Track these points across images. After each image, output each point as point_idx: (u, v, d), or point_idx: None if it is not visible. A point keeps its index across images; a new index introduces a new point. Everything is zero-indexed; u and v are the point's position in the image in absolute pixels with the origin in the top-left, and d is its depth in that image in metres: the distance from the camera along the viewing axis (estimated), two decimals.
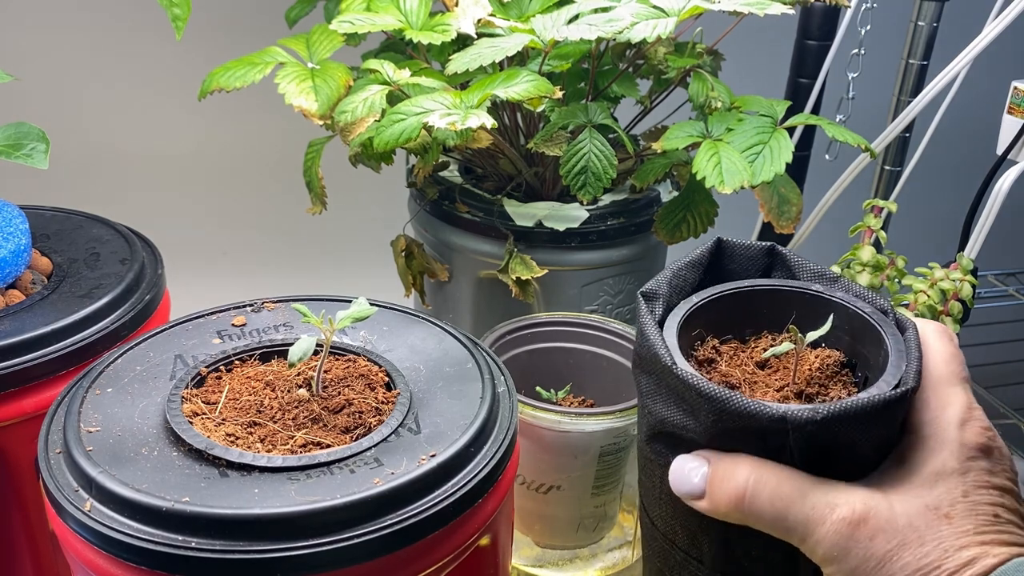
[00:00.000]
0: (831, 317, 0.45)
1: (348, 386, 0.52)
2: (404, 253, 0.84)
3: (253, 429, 0.49)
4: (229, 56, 0.74)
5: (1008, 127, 0.83)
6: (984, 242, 0.80)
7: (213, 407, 0.51)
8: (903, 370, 0.42)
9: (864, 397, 0.39)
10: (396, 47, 0.84)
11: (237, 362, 0.55)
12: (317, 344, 0.50)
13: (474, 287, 0.82)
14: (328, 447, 0.48)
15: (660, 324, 0.45)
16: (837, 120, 0.90)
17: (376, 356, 0.55)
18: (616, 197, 0.81)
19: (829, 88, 0.96)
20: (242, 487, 0.44)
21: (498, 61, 0.69)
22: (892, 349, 0.43)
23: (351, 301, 0.53)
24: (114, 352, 0.55)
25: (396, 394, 0.52)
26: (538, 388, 0.71)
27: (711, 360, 0.47)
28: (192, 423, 0.49)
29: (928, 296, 0.70)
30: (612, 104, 0.82)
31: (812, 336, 0.44)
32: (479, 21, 0.73)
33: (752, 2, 0.68)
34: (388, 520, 0.44)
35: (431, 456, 0.47)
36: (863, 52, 0.94)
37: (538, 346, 0.72)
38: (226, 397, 0.51)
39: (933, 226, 1.15)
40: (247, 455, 0.46)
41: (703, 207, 0.76)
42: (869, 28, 0.92)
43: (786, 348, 0.45)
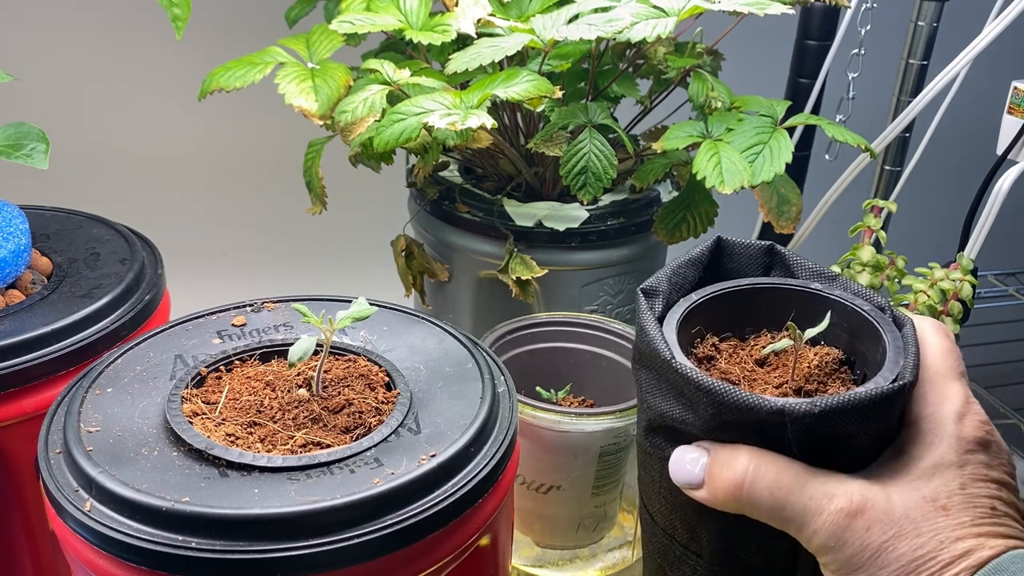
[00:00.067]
0: (829, 314, 0.45)
1: (348, 386, 0.52)
2: (404, 253, 0.84)
3: (253, 429, 0.49)
4: (229, 56, 0.74)
5: (1008, 127, 0.83)
6: (984, 242, 0.80)
7: (213, 407, 0.51)
8: (901, 365, 0.42)
9: (862, 391, 0.39)
10: (396, 47, 0.84)
11: (237, 362, 0.55)
12: (317, 344, 0.50)
13: (474, 287, 0.82)
14: (328, 447, 0.48)
15: (660, 321, 0.45)
16: (837, 120, 0.90)
17: (376, 356, 0.55)
18: (616, 197, 0.81)
19: (829, 88, 0.96)
20: (242, 487, 0.44)
21: (498, 61, 0.69)
22: (890, 345, 0.43)
23: (351, 301, 0.53)
24: (114, 352, 0.55)
25: (396, 394, 0.52)
26: (538, 388, 0.71)
27: (710, 357, 0.47)
28: (192, 423, 0.49)
29: (928, 296, 0.70)
30: (612, 104, 0.82)
31: (811, 333, 0.45)
32: (479, 21, 0.73)
33: (752, 2, 0.68)
34: (388, 520, 0.44)
35: (431, 456, 0.47)
36: (863, 52, 0.94)
37: (538, 346, 0.72)
38: (226, 397, 0.51)
39: (933, 226, 1.15)
40: (247, 455, 0.46)
41: (703, 207, 0.76)
42: (869, 28, 0.92)
43: (785, 344, 0.45)
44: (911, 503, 0.39)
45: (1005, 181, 0.77)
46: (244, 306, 0.60)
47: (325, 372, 0.53)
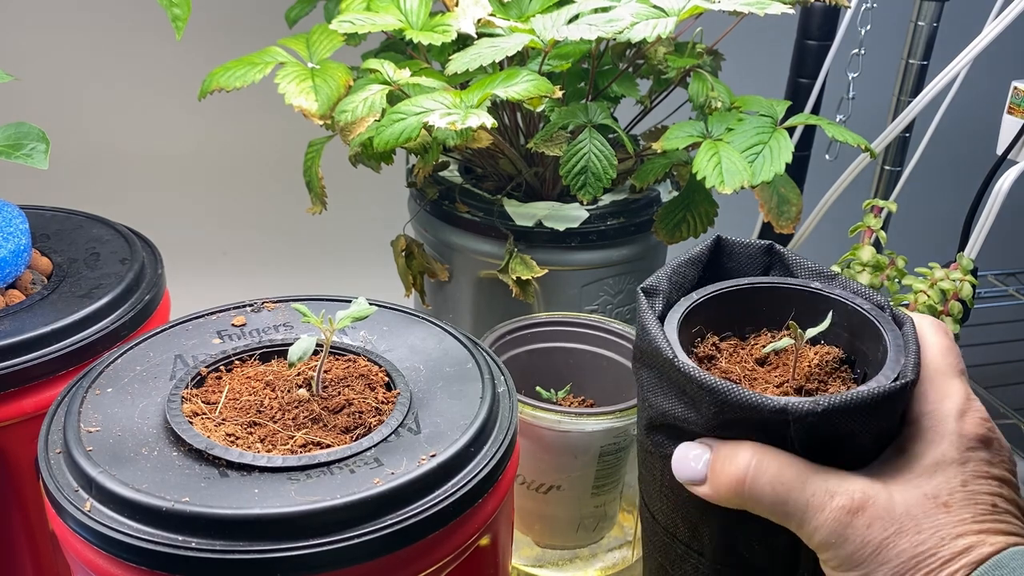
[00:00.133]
0: (830, 314, 0.45)
1: (348, 386, 0.52)
2: (404, 253, 0.84)
3: (253, 429, 0.49)
4: (229, 56, 0.74)
5: (1008, 127, 0.83)
6: (984, 242, 0.80)
7: (213, 407, 0.51)
8: (902, 363, 0.42)
9: (864, 389, 0.39)
10: (396, 47, 0.84)
11: (237, 362, 0.55)
12: (317, 344, 0.50)
13: (474, 287, 0.82)
14: (328, 447, 0.48)
15: (660, 320, 0.45)
16: (837, 120, 0.90)
17: (376, 356, 0.55)
18: (616, 197, 0.81)
19: (829, 88, 0.96)
20: (242, 487, 0.44)
21: (498, 61, 0.69)
22: (891, 344, 0.43)
23: (351, 301, 0.53)
24: (114, 352, 0.55)
25: (396, 394, 0.52)
26: (538, 388, 0.71)
27: (711, 357, 0.47)
28: (192, 423, 0.49)
29: (928, 296, 0.70)
30: (612, 104, 0.82)
31: (811, 332, 0.45)
32: (479, 21, 0.73)
33: (752, 2, 0.68)
34: (388, 520, 0.44)
35: (431, 456, 0.47)
36: (863, 52, 0.94)
37: (538, 346, 0.72)
38: (226, 397, 0.51)
39: (933, 226, 1.15)
40: (247, 455, 0.46)
41: (703, 207, 0.76)
42: (869, 28, 0.92)
43: (786, 344, 0.45)
44: (912, 500, 0.39)
45: (1005, 181, 0.77)
46: (244, 306, 0.60)
47: (325, 372, 0.53)
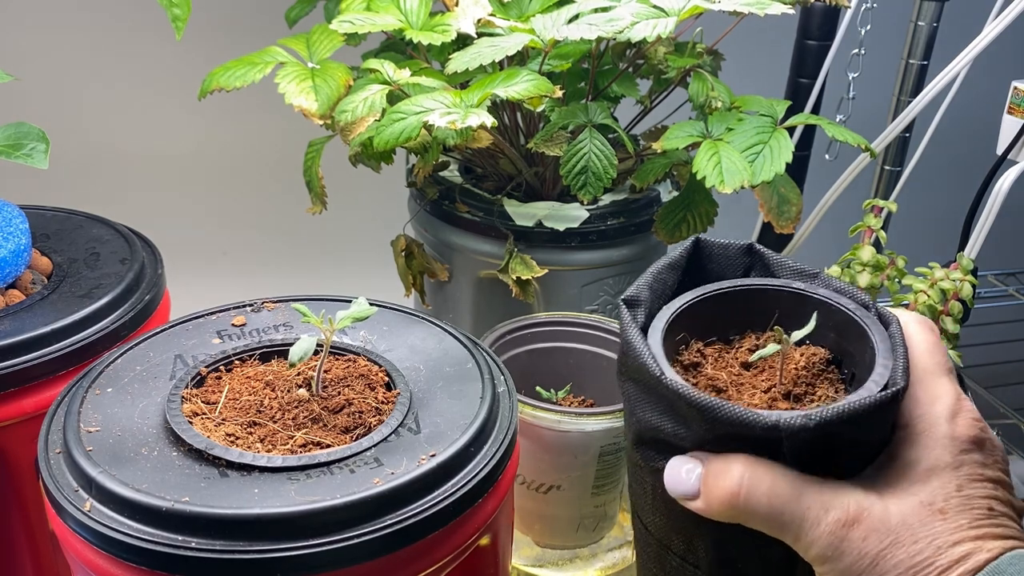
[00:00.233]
0: (815, 315, 0.45)
1: (348, 386, 0.52)
2: (404, 253, 0.84)
3: (253, 429, 0.49)
4: (229, 56, 0.74)
5: (1008, 127, 0.83)
6: (984, 242, 0.80)
7: (213, 407, 0.51)
8: (891, 368, 0.41)
9: (855, 401, 0.39)
10: (396, 47, 0.84)
11: (237, 362, 0.55)
12: (317, 344, 0.50)
13: (474, 287, 0.82)
14: (328, 447, 0.48)
15: (643, 330, 0.45)
16: (837, 120, 0.90)
17: (376, 356, 0.55)
18: (616, 197, 0.81)
19: (829, 88, 0.96)
20: (242, 487, 0.44)
21: (498, 61, 0.69)
22: (878, 345, 0.43)
23: (351, 301, 0.53)
24: (114, 352, 0.55)
25: (396, 394, 0.52)
26: (538, 388, 0.71)
27: (696, 364, 0.46)
28: (192, 423, 0.49)
29: (928, 296, 0.70)
30: (612, 104, 0.82)
31: (796, 336, 0.44)
32: (479, 21, 0.73)
33: (752, 2, 0.68)
34: (388, 520, 0.44)
35: (431, 456, 0.47)
36: (863, 52, 0.94)
37: (538, 346, 0.72)
38: (226, 397, 0.51)
39: (933, 226, 1.14)
40: (247, 455, 0.46)
41: (703, 207, 0.76)
42: (869, 28, 0.92)
43: (772, 350, 0.45)
44: (908, 509, 0.39)
45: (1005, 181, 0.77)
46: (244, 306, 0.60)
47: (325, 372, 0.53)
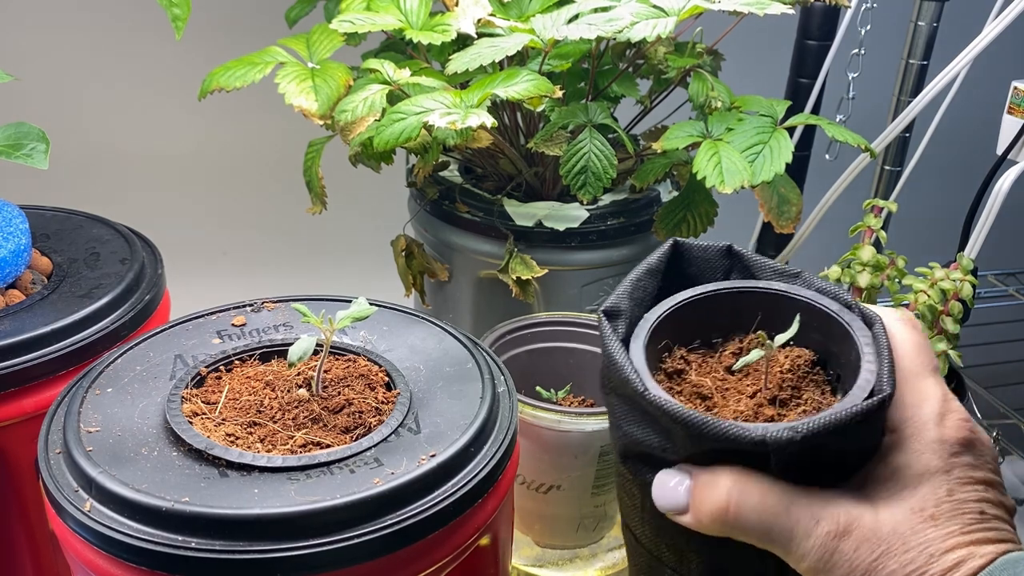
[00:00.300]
0: (797, 317, 0.44)
1: (348, 386, 0.52)
2: (404, 253, 0.84)
3: (253, 429, 0.49)
4: (229, 56, 0.74)
5: (1008, 127, 0.83)
6: (984, 242, 0.80)
7: (213, 407, 0.51)
8: (876, 373, 0.41)
9: (841, 411, 0.38)
10: (396, 47, 0.84)
11: (237, 362, 0.55)
12: (317, 344, 0.50)
13: (474, 287, 0.82)
14: (328, 447, 0.48)
15: (625, 341, 0.44)
16: (837, 120, 0.90)
17: (376, 356, 0.55)
18: (616, 197, 0.81)
19: (829, 88, 0.96)
20: (242, 487, 0.44)
21: (498, 61, 0.69)
22: (862, 347, 0.42)
23: (351, 301, 0.53)
24: (114, 352, 0.55)
25: (396, 394, 0.52)
26: (538, 388, 0.71)
27: (680, 371, 0.46)
28: (192, 423, 0.49)
29: (928, 296, 0.70)
30: (612, 104, 0.82)
31: (780, 340, 0.43)
32: (479, 21, 0.73)
33: (752, 2, 0.68)
34: (388, 520, 0.44)
35: (431, 456, 0.47)
36: (863, 52, 0.94)
37: (538, 346, 0.72)
38: (226, 397, 0.51)
39: (933, 226, 1.14)
40: (247, 455, 0.46)
41: (703, 207, 0.76)
42: (869, 28, 0.92)
43: (755, 356, 0.44)
44: (899, 516, 0.38)
45: (1005, 181, 0.77)
46: (244, 306, 0.60)
47: (325, 372, 0.53)
